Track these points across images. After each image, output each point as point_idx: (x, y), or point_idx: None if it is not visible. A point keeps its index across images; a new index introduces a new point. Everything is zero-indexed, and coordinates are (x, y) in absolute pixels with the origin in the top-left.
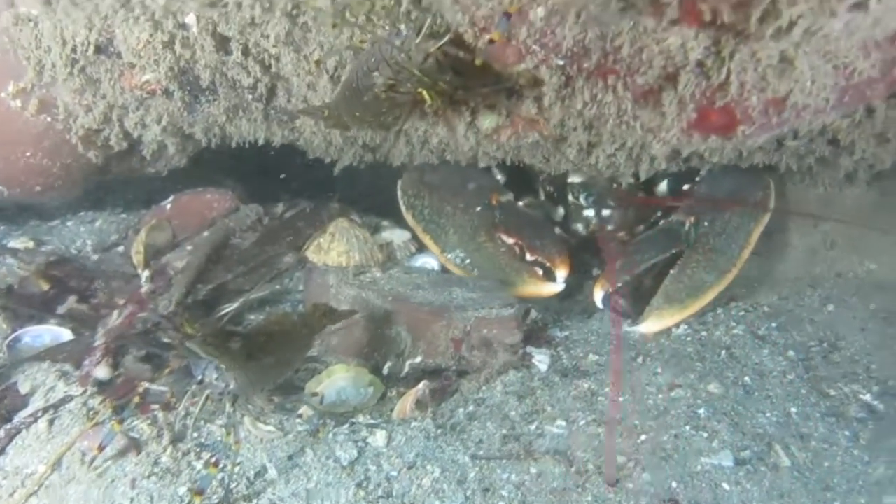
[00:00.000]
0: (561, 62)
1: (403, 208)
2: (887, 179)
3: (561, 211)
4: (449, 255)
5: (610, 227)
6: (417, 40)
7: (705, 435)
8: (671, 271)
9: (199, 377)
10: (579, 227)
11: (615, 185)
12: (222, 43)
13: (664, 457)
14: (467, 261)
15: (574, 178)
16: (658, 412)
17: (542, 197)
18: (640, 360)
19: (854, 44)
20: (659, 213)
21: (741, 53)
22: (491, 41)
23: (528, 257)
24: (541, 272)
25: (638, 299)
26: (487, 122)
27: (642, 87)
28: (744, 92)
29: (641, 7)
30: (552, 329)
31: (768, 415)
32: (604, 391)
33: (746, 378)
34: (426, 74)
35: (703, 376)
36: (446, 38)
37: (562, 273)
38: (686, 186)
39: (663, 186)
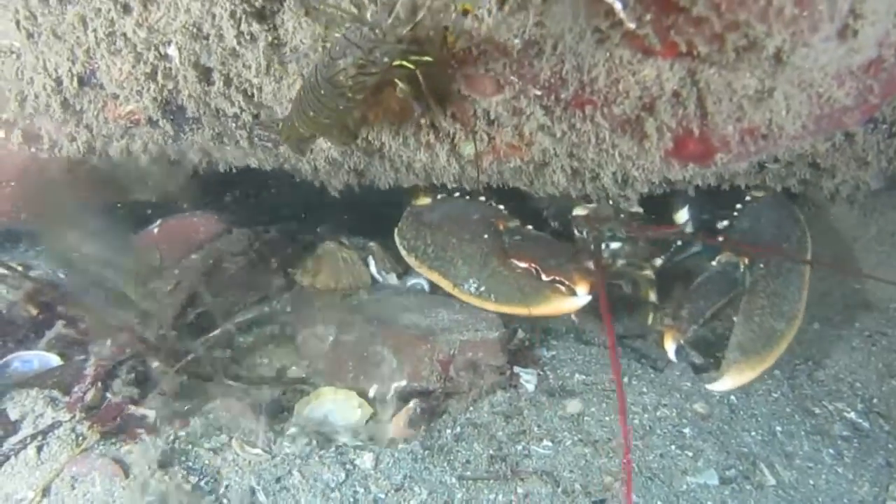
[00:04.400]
0: (538, 92)
1: (404, 253)
2: (870, 199)
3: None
4: (463, 287)
5: (621, 262)
6: (389, 20)
7: (690, 454)
8: (736, 318)
9: None
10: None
11: (622, 216)
12: (205, 73)
13: (650, 476)
14: (482, 288)
15: (578, 212)
16: (644, 431)
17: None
18: (625, 379)
19: (828, 73)
20: (679, 243)
21: (716, 84)
22: (465, 11)
23: (545, 278)
24: (563, 289)
25: (706, 348)
26: (469, 149)
27: (619, 116)
28: (720, 122)
29: (617, 39)
30: (539, 349)
31: (753, 434)
32: (590, 411)
33: (732, 397)
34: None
35: (688, 396)
36: (420, 15)
37: (582, 288)
38: (724, 223)
39: (683, 214)
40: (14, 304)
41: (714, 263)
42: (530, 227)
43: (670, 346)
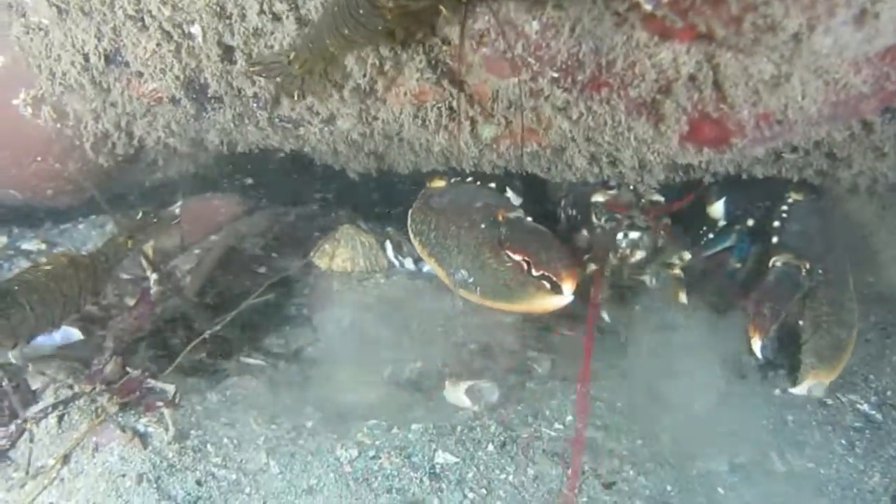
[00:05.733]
0: (555, 75)
1: (412, 236)
2: (890, 192)
3: (585, 235)
4: (454, 276)
5: (641, 253)
6: None
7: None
8: (801, 323)
9: None
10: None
11: (643, 203)
12: (227, 52)
13: (660, 462)
14: (470, 280)
15: (598, 198)
16: (655, 417)
17: (563, 221)
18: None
19: (845, 60)
20: (711, 236)
21: (733, 68)
22: None
23: (535, 272)
24: (548, 286)
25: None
26: (487, 132)
27: (635, 99)
28: (736, 106)
29: (635, 22)
30: (553, 334)
31: (764, 422)
32: (602, 395)
33: None
34: None
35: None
36: None
37: (568, 286)
38: (776, 223)
39: (719, 207)
40: None
41: (780, 265)
42: (530, 218)
43: (756, 343)
